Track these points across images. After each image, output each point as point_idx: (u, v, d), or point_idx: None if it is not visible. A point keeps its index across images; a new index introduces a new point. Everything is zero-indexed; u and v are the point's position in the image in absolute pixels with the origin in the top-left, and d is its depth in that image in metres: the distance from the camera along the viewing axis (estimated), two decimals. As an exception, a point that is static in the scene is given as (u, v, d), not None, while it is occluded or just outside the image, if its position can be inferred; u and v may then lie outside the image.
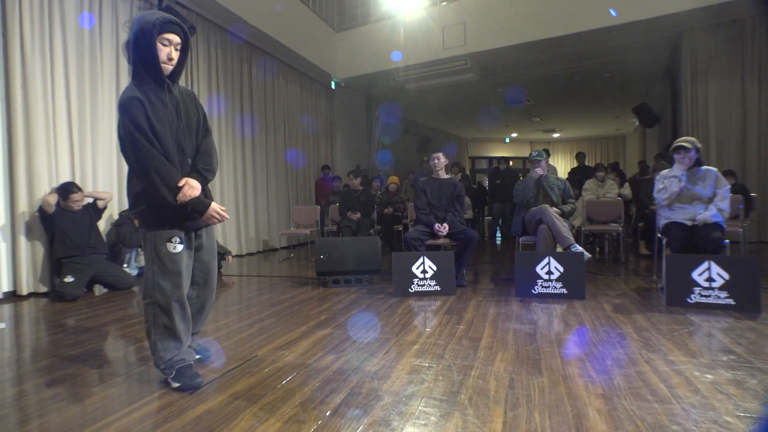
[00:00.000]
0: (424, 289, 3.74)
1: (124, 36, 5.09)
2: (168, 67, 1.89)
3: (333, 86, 9.47)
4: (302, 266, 5.84)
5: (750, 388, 1.81)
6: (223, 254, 5.53)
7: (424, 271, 3.75)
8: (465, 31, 7.70)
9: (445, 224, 4.12)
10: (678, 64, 7.60)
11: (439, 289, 3.74)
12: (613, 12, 6.41)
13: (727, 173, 5.45)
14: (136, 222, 2.07)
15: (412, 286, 3.75)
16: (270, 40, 7.08)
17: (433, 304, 3.45)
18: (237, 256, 6.79)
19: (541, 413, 1.63)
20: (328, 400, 1.78)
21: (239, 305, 3.66)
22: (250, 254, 7.17)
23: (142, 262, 4.84)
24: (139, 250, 4.80)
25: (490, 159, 18.37)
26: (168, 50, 1.86)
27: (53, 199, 4.09)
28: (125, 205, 4.96)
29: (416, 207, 4.32)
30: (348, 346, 2.47)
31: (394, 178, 7.30)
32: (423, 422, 1.58)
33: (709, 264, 3.08)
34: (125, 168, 5.06)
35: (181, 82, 5.97)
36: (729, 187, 3.49)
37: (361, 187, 6.43)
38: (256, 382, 1.98)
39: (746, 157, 6.81)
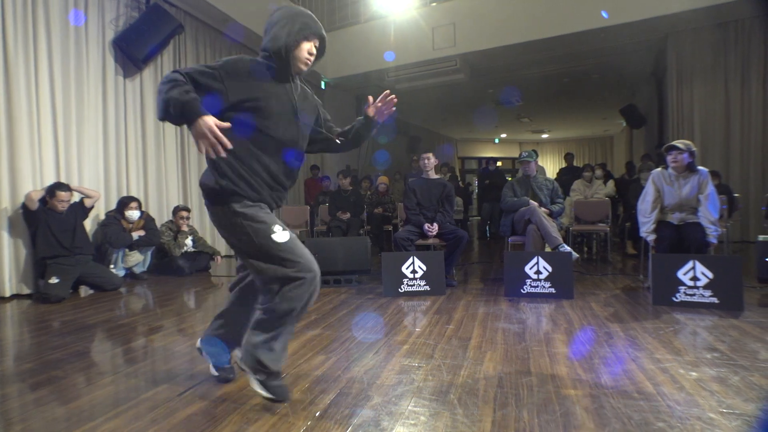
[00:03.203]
0: (414, 289, 3.75)
1: (110, 34, 5.02)
2: None
3: (323, 86, 9.44)
4: (292, 266, 5.80)
5: (733, 384, 1.84)
6: (211, 254, 5.49)
7: (413, 271, 3.76)
8: (455, 31, 7.73)
9: (434, 224, 4.13)
10: (664, 67, 7.71)
11: (428, 289, 3.75)
12: (604, 14, 6.47)
13: (711, 174, 5.55)
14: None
15: (402, 286, 3.75)
16: (259, 39, 7.04)
17: (422, 304, 3.46)
18: (226, 256, 6.73)
19: (530, 412, 1.64)
20: (318, 400, 1.77)
21: (228, 306, 3.63)
22: (239, 254, 7.11)
23: (130, 263, 4.80)
24: (126, 250, 4.74)
25: (480, 159, 18.47)
26: None
27: (37, 195, 4.01)
28: (112, 205, 4.90)
29: (406, 207, 4.33)
30: (337, 346, 2.47)
31: (383, 178, 7.30)
32: (412, 422, 1.59)
33: (694, 263, 3.13)
34: (113, 167, 5.04)
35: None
36: (713, 190, 3.53)
37: (351, 188, 6.42)
38: (245, 383, 1.96)
39: (729, 158, 6.93)
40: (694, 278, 3.13)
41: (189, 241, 5.32)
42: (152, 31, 5.11)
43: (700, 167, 3.59)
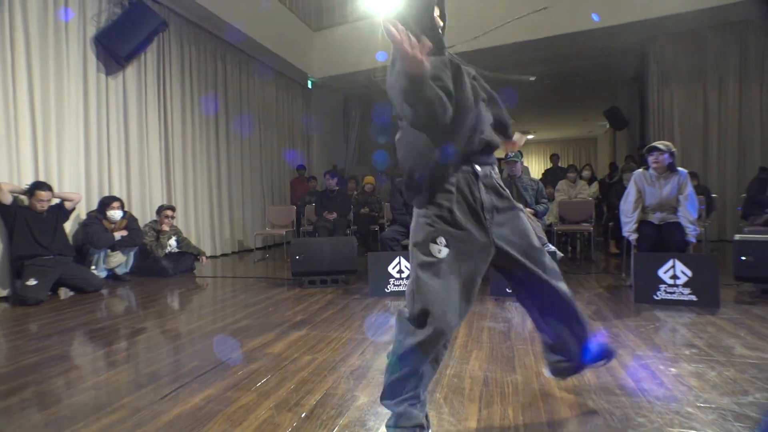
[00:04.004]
0: (401, 289, 3.76)
1: (92, 30, 4.93)
2: None
3: (309, 85, 9.41)
4: (278, 267, 5.78)
5: (709, 379, 1.89)
6: (196, 255, 5.43)
7: (400, 271, 3.77)
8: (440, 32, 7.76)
9: (421, 224, 4.14)
10: (646, 70, 7.85)
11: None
12: (595, 17, 6.55)
13: (690, 175, 5.67)
14: None
15: (389, 286, 3.76)
16: (245, 38, 6.98)
17: (408, 304, 3.46)
18: (211, 257, 6.67)
19: (515, 410, 1.66)
20: (304, 401, 1.77)
21: (213, 307, 3.59)
22: (224, 255, 7.06)
23: (112, 264, 4.71)
24: (108, 251, 4.66)
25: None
26: None
27: (7, 186, 3.89)
28: (94, 205, 4.81)
29: (393, 207, 4.34)
30: (324, 346, 2.46)
31: (369, 179, 7.30)
32: (399, 421, 1.59)
33: (674, 262, 3.20)
34: (94, 166, 4.96)
35: (152, 80, 5.80)
36: (692, 190, 3.61)
37: (338, 188, 6.41)
38: (229, 385, 1.95)
39: (707, 159, 7.10)
40: (674, 276, 3.20)
41: (173, 242, 5.25)
42: (135, 28, 5.03)
43: (679, 168, 3.67)
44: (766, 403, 1.65)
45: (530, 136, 18.06)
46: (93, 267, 4.55)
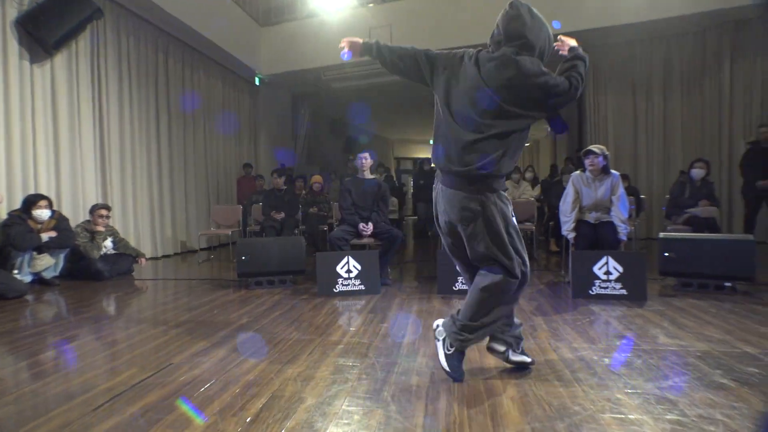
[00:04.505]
0: (349, 288, 3.76)
1: (12, 12, 4.54)
2: None
3: (257, 82, 9.18)
4: (223, 268, 5.60)
5: (636, 367, 2.03)
6: (134, 256, 5.15)
7: (348, 271, 3.76)
8: (391, 33, 7.82)
9: (369, 224, 4.16)
10: (582, 77, 8.31)
11: (363, 288, 3.77)
12: (556, 24, 6.81)
13: (621, 177, 6.07)
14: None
15: (337, 286, 3.75)
16: (189, 31, 6.69)
17: (357, 304, 3.47)
18: (151, 258, 6.35)
19: (460, 404, 1.71)
20: (249, 405, 1.73)
21: (153, 310, 3.43)
22: (166, 256, 6.74)
23: (38, 267, 4.36)
24: (34, 253, 4.31)
25: (416, 160, 18.83)
26: None
27: None
28: (16, 204, 4.44)
29: (341, 207, 4.33)
30: (270, 348, 2.41)
31: (317, 178, 7.21)
32: (346, 421, 1.59)
33: (607, 259, 3.41)
34: (17, 162, 4.58)
35: (85, 71, 5.43)
36: (623, 191, 3.86)
37: (285, 187, 6.30)
38: (170, 392, 1.87)
39: (637, 162, 7.64)
40: (608, 272, 3.41)
41: (109, 243, 4.95)
42: (65, 13, 4.69)
43: (612, 171, 3.91)
44: (683, 386, 1.80)
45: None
46: (15, 271, 4.19)
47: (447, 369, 1.91)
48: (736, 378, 1.89)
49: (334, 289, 3.74)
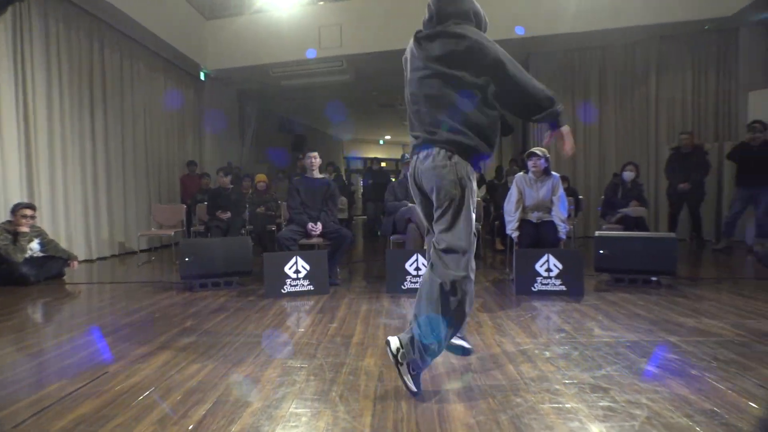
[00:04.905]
0: (297, 289, 3.71)
1: None
2: None
3: (202, 77, 8.84)
4: (165, 270, 5.35)
5: (573, 359, 2.15)
6: (66, 259, 4.80)
7: (297, 271, 3.71)
8: (341, 32, 7.78)
9: (318, 223, 4.12)
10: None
11: (312, 288, 3.73)
12: (519, 30, 6.99)
13: (561, 178, 6.39)
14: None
15: (285, 287, 3.68)
16: (127, 20, 6.32)
17: (306, 304, 3.43)
18: (85, 261, 5.95)
19: (408, 402, 1.73)
20: (191, 413, 1.66)
21: (88, 316, 3.22)
22: (102, 258, 6.33)
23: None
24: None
25: (365, 159, 18.88)
26: None
27: None
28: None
29: (289, 206, 4.26)
30: (215, 352, 2.33)
31: (261, 176, 7.03)
32: (293, 424, 1.57)
33: (548, 257, 3.58)
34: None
35: (6, 58, 5.00)
36: (563, 192, 4.07)
37: (232, 186, 6.11)
38: (105, 402, 1.76)
39: (576, 165, 8.07)
40: (548, 270, 3.58)
41: (35, 245, 4.58)
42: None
43: (553, 172, 4.11)
44: (614, 374, 1.92)
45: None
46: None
47: (415, 390, 1.75)
48: (659, 365, 2.04)
49: (282, 290, 3.67)
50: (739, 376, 1.89)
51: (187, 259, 3.89)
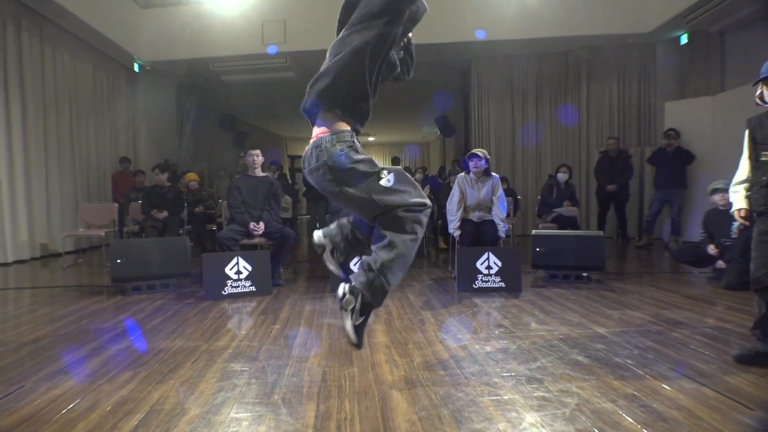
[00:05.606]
0: (239, 290, 3.60)
1: None
2: None
3: (137, 69, 8.33)
4: (95, 273, 5.01)
5: (511, 352, 2.24)
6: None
7: (238, 272, 3.60)
8: (285, 28, 7.62)
9: (260, 223, 4.02)
10: (468, 86, 8.93)
11: (254, 289, 3.63)
12: (479, 34, 7.09)
13: (501, 179, 6.65)
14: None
15: (226, 288, 3.56)
16: (49, 2, 5.82)
17: (248, 306, 3.34)
18: (0, 264, 5.44)
19: (351, 401, 1.73)
20: (122, 424, 1.56)
21: (2, 324, 2.94)
22: (20, 261, 5.80)
23: None
24: None
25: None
26: None
27: None
28: None
29: (230, 205, 4.13)
30: (149, 359, 2.21)
31: (191, 176, 6.72)
32: (234, 429, 1.52)
33: (488, 255, 3.71)
34: None
35: None
36: (502, 192, 4.24)
37: (169, 184, 5.82)
38: (21, 419, 1.62)
39: (515, 166, 8.42)
40: (489, 267, 3.71)
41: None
42: None
43: (493, 173, 4.26)
44: (548, 365, 2.03)
45: (371, 138, 18.95)
46: None
47: (355, 341, 1.64)
48: (588, 355, 2.17)
49: (223, 292, 3.55)
50: (655, 362, 2.06)
51: (119, 261, 3.66)
